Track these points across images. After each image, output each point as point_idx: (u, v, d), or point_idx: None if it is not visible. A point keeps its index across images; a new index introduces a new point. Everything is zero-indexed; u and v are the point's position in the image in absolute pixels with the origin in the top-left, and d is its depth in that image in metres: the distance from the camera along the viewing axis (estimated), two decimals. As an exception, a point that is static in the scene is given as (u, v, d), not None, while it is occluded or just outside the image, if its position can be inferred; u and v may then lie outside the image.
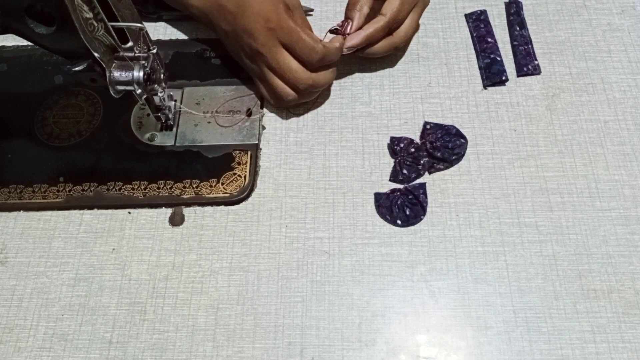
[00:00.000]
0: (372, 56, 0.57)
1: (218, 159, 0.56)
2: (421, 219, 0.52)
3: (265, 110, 0.59)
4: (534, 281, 0.49)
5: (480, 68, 0.60)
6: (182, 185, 0.55)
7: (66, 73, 0.59)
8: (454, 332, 0.48)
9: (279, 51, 0.52)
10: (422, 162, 0.54)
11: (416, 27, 0.58)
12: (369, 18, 0.55)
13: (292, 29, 0.51)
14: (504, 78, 0.58)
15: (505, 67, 0.59)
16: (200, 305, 0.50)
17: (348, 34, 0.55)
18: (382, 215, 0.53)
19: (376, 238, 0.52)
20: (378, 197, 0.53)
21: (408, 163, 0.54)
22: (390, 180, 0.54)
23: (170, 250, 0.52)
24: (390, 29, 0.55)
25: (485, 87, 0.59)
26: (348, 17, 0.56)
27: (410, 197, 0.52)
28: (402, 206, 0.52)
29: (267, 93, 0.57)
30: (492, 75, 0.59)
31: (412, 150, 0.55)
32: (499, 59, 0.59)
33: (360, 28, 0.55)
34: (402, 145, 0.55)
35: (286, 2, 0.53)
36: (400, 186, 0.54)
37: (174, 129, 0.58)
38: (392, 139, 0.56)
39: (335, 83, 0.60)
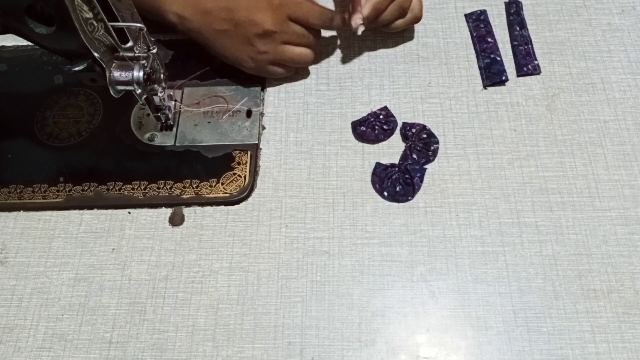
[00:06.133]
0: (396, 29, 0.59)
1: (218, 159, 0.56)
2: (408, 200, 0.53)
3: (265, 110, 0.59)
4: (534, 281, 0.49)
5: (480, 68, 0.60)
6: (182, 185, 0.55)
7: (66, 73, 0.59)
8: (454, 332, 0.48)
9: (291, 23, 0.55)
10: (432, 148, 0.54)
11: None
12: None
13: (299, 1, 0.55)
14: (504, 78, 0.58)
15: (505, 67, 0.59)
16: (200, 305, 0.50)
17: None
18: (373, 183, 0.54)
19: (376, 238, 0.52)
20: (378, 166, 0.54)
21: (419, 148, 0.54)
22: (399, 163, 0.55)
23: (170, 250, 0.52)
24: None
25: (485, 87, 0.59)
26: None
27: (406, 176, 0.53)
28: (395, 181, 0.53)
29: (285, 70, 0.58)
30: (492, 75, 0.59)
31: (424, 136, 0.55)
32: (499, 59, 0.59)
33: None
34: (414, 130, 0.55)
35: None
36: (403, 162, 0.54)
37: (174, 129, 0.58)
38: (404, 124, 0.56)
39: (335, 83, 0.60)
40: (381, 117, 0.56)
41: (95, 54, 0.45)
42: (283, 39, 0.55)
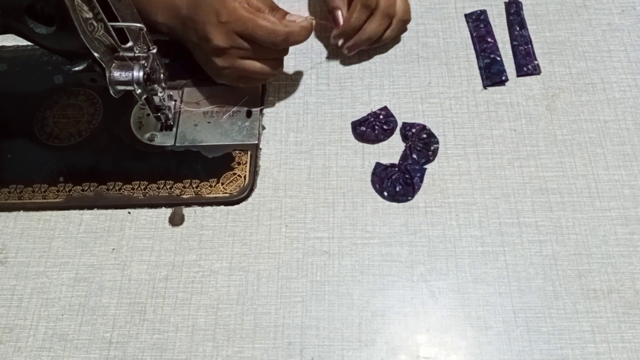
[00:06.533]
0: (385, 39, 0.58)
1: (218, 159, 0.56)
2: (408, 200, 0.53)
3: (265, 110, 0.59)
4: (534, 281, 0.49)
5: (480, 68, 0.60)
6: (182, 185, 0.55)
7: (66, 73, 0.59)
8: (454, 332, 0.48)
9: (242, 40, 0.51)
10: (432, 148, 0.55)
11: None
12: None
13: (245, 18, 0.50)
14: (504, 78, 0.58)
15: (505, 67, 0.59)
16: (200, 305, 0.50)
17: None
18: (373, 183, 0.54)
19: (376, 238, 0.52)
20: (378, 166, 0.54)
21: (419, 148, 0.54)
22: (399, 163, 0.55)
23: (170, 250, 0.52)
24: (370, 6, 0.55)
25: (485, 87, 0.59)
26: (334, 7, 0.57)
27: (406, 176, 0.53)
28: (395, 181, 0.53)
29: (248, 83, 0.56)
30: (492, 75, 0.59)
31: (424, 136, 0.55)
32: (498, 59, 0.59)
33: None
34: (414, 130, 0.56)
35: None
36: (403, 162, 0.54)
37: (174, 129, 0.58)
38: (404, 124, 0.56)
39: (335, 83, 0.60)
40: (381, 117, 0.56)
41: (95, 54, 0.45)
42: (239, 54, 0.52)
